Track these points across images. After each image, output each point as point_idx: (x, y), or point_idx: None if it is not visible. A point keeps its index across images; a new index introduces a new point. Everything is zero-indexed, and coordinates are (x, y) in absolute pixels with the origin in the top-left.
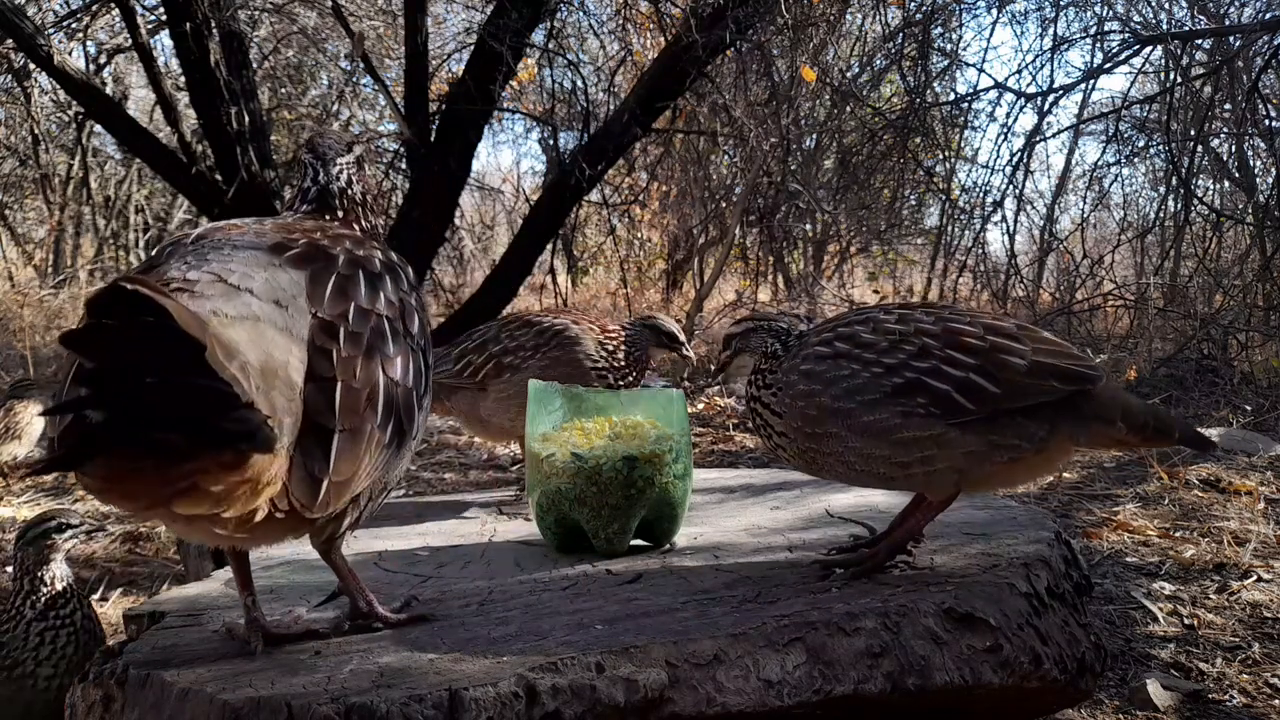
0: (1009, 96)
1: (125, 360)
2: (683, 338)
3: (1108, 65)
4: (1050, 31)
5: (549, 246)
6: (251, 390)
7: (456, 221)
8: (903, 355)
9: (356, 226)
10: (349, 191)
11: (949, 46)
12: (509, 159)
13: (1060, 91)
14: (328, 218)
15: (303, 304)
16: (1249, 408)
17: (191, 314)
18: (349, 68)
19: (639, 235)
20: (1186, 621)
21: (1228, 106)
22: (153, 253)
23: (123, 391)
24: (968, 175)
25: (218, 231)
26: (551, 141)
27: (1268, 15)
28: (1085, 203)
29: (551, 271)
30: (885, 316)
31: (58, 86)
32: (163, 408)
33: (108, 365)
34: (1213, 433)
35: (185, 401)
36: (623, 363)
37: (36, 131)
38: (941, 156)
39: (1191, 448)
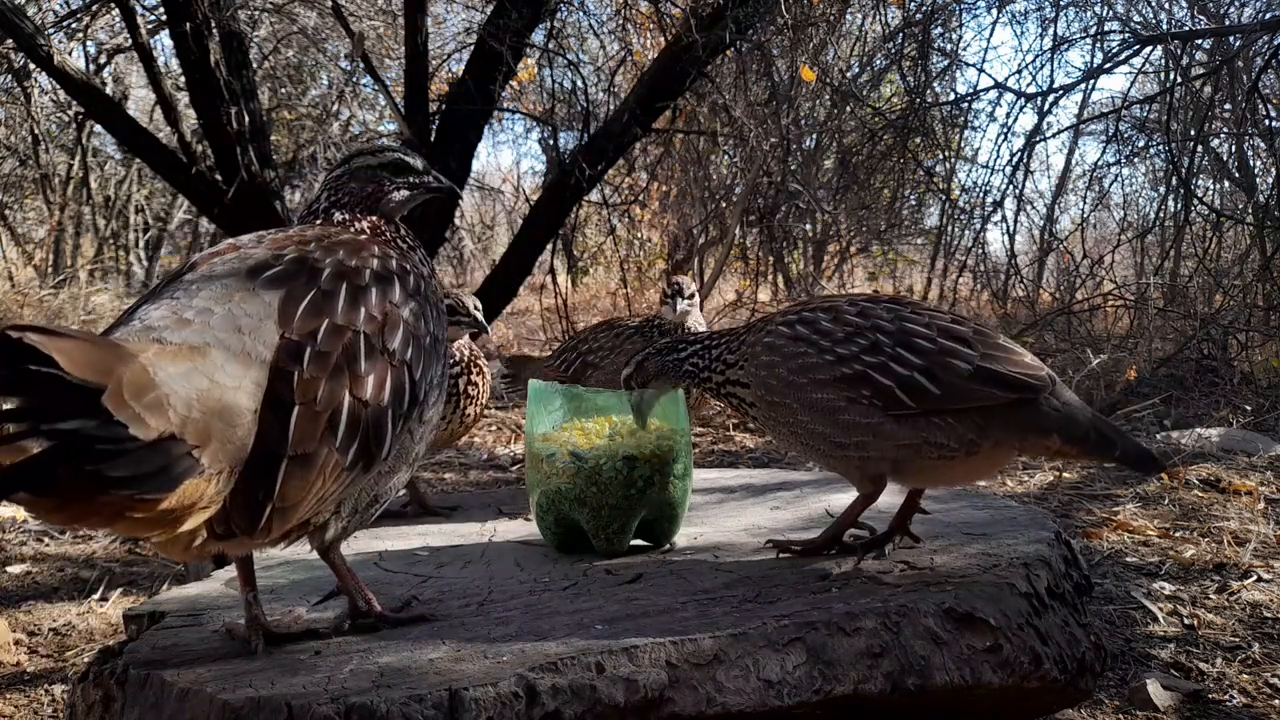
0: (1009, 96)
1: (19, 406)
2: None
3: (1108, 65)
4: (1050, 31)
5: (549, 246)
6: (165, 424)
7: (456, 221)
8: (855, 348)
9: (365, 229)
10: (340, 197)
11: (949, 46)
12: (509, 159)
13: (1060, 91)
14: (337, 223)
15: (271, 327)
16: (1249, 408)
17: (96, 355)
18: (349, 68)
19: (639, 235)
20: (1186, 621)
21: (1228, 106)
22: (152, 284)
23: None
24: (968, 175)
25: (208, 259)
26: (551, 141)
27: (1268, 15)
28: (1085, 203)
29: (551, 271)
30: (849, 308)
31: (58, 86)
32: (51, 451)
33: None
34: (1212, 433)
35: (68, 444)
36: None
37: (36, 131)
38: (941, 156)
39: (1132, 468)
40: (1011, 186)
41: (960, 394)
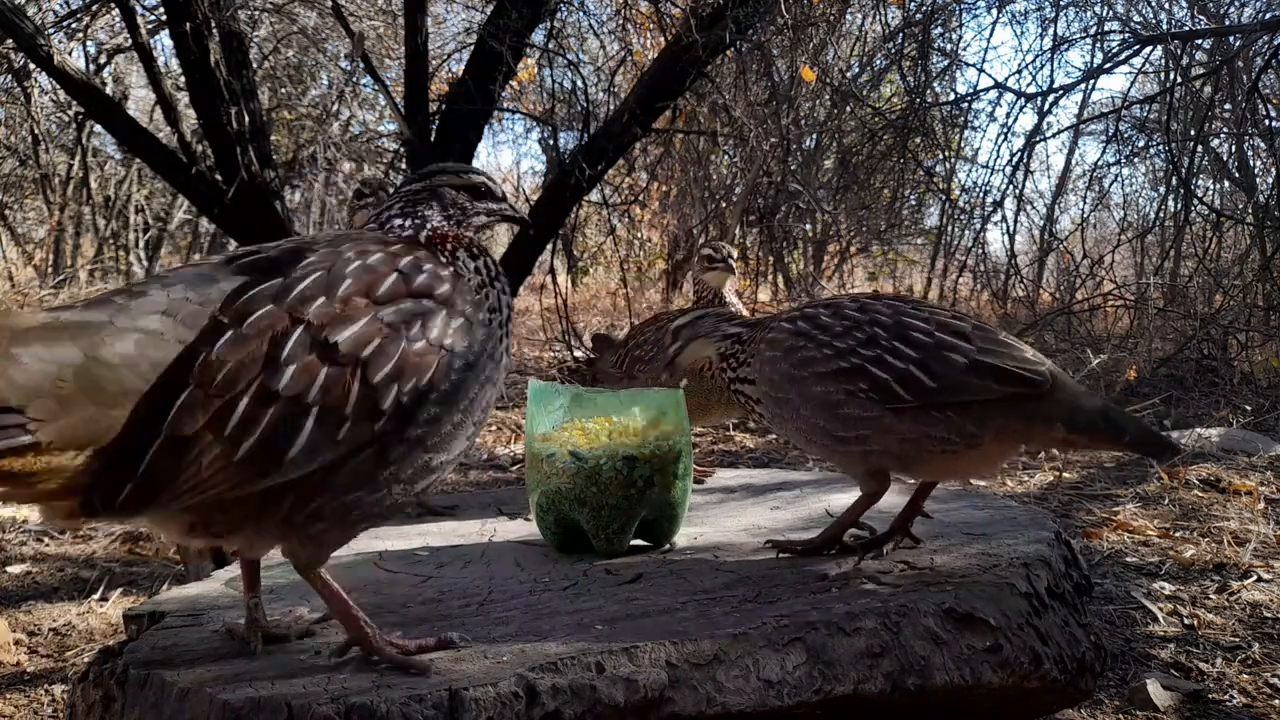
0: (1009, 96)
1: None
2: None
3: (1108, 65)
4: (1050, 31)
5: (549, 246)
6: (6, 395)
7: None
8: (853, 341)
9: (421, 239)
10: (412, 210)
11: (949, 46)
12: (509, 159)
13: (1060, 91)
14: (392, 230)
15: (207, 311)
16: (1249, 408)
17: None
18: (349, 68)
19: (639, 235)
20: (1186, 621)
21: (1228, 106)
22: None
23: None
24: (968, 175)
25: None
26: (551, 141)
27: (1268, 15)
28: (1085, 203)
29: (551, 271)
30: (849, 305)
31: (58, 86)
32: None
33: None
34: (1212, 433)
35: None
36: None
37: (36, 131)
38: (941, 156)
39: (1143, 453)
40: (1011, 186)
41: (957, 387)
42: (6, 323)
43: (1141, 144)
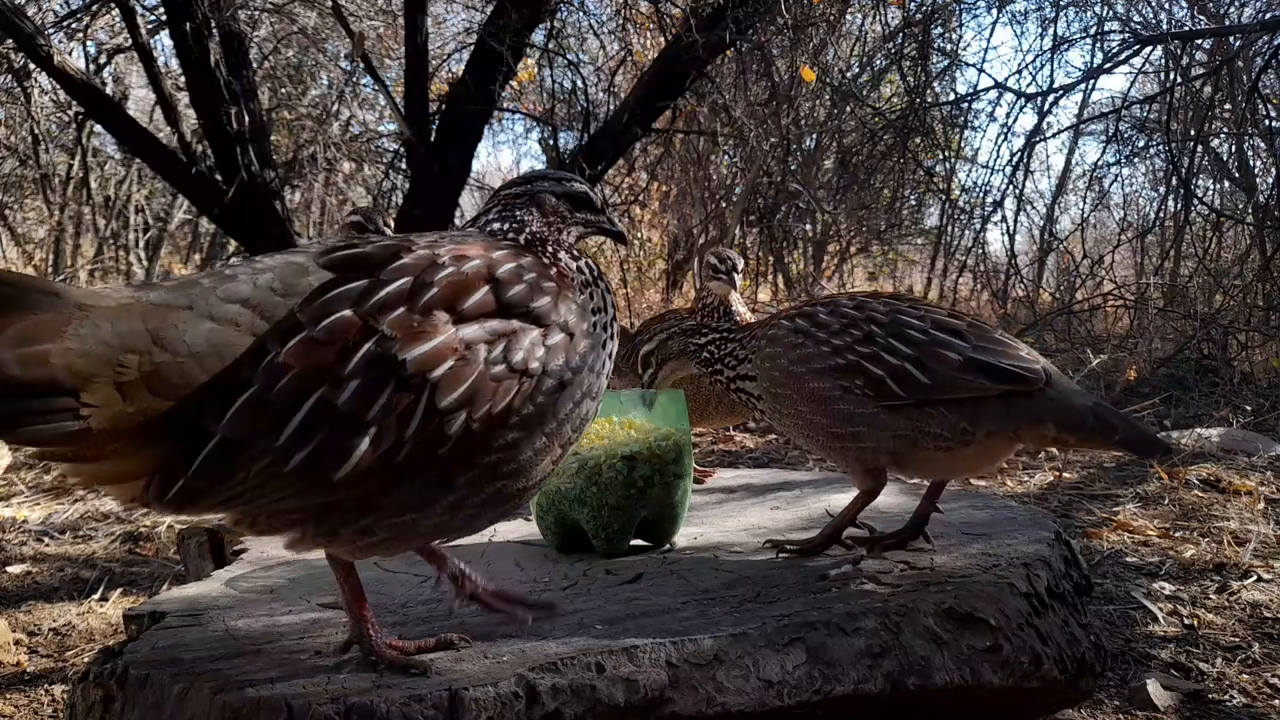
0: (1009, 96)
1: None
2: None
3: (1108, 65)
4: (1050, 31)
5: None
6: (41, 373)
7: (456, 221)
8: (849, 338)
9: (522, 241)
10: (511, 214)
11: (949, 46)
12: (509, 159)
13: (1060, 91)
14: (493, 232)
15: (287, 304)
16: (1249, 408)
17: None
18: (349, 68)
19: (639, 235)
20: (1186, 621)
21: (1228, 106)
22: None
23: None
24: (968, 175)
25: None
26: (551, 141)
27: (1268, 15)
28: (1085, 203)
29: None
30: (846, 303)
31: (58, 86)
32: None
33: None
34: (1212, 433)
35: None
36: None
37: (36, 131)
38: (941, 156)
39: (1134, 452)
40: (1011, 186)
41: (951, 384)
42: (83, 300)
43: (1141, 144)
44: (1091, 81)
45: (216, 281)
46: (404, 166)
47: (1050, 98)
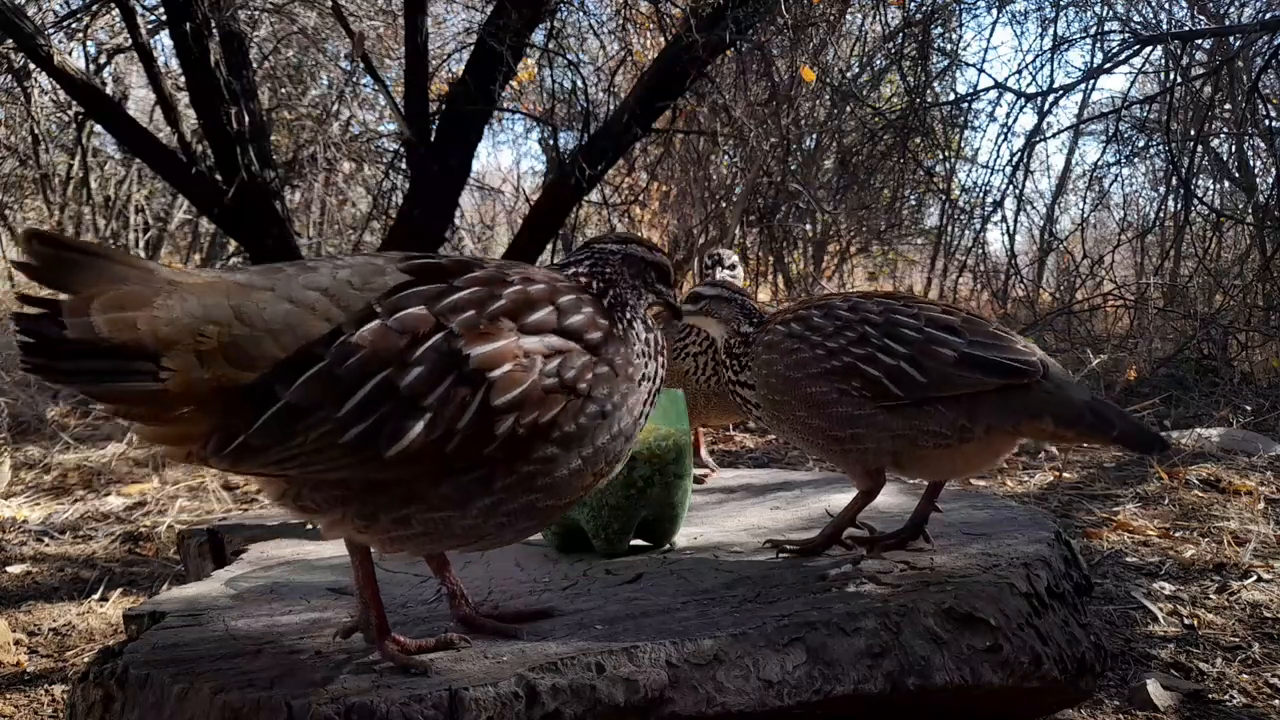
0: (1009, 96)
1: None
2: None
3: (1108, 65)
4: (1050, 31)
5: (549, 246)
6: (128, 335)
7: (456, 221)
8: (844, 340)
9: (591, 286)
10: (596, 267)
11: (949, 46)
12: (509, 159)
13: (1060, 91)
14: (566, 275)
15: (363, 297)
16: (1249, 408)
17: (79, 273)
18: (349, 68)
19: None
20: (1186, 621)
21: (1228, 106)
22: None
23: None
24: (968, 175)
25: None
26: (551, 141)
27: (1268, 15)
28: (1085, 203)
29: None
30: (841, 304)
31: (58, 86)
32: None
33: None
34: (1212, 433)
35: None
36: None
37: (36, 131)
38: (941, 156)
39: (1132, 448)
40: (1011, 186)
41: (948, 381)
42: (173, 277)
43: (1141, 144)
44: (1091, 81)
45: (299, 271)
46: (404, 166)
47: (1050, 98)
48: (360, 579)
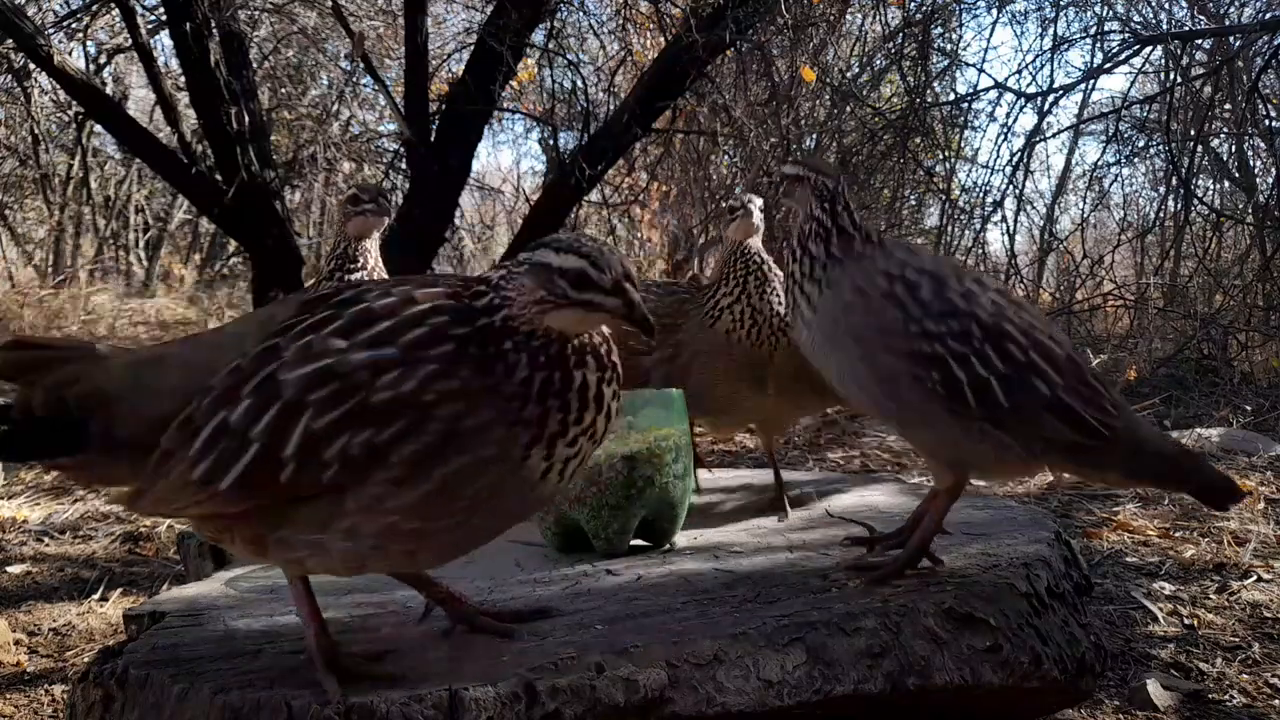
0: (1009, 96)
1: None
2: None
3: (1108, 65)
4: (1050, 31)
5: None
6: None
7: (456, 221)
8: (945, 329)
9: (498, 320)
10: (511, 284)
11: (949, 46)
12: (509, 159)
13: (1060, 91)
14: (481, 300)
15: (251, 344)
16: (1249, 408)
17: (31, 357)
18: (349, 68)
19: (639, 235)
20: (1186, 621)
21: (1228, 106)
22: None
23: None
24: (968, 175)
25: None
26: (551, 141)
27: (1268, 15)
28: (1085, 203)
29: None
30: (955, 285)
31: (58, 86)
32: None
33: None
34: (1212, 433)
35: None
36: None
37: (36, 131)
38: (941, 156)
39: (1204, 502)
40: (1011, 186)
41: (1028, 421)
42: (107, 354)
43: (1141, 144)
44: (1091, 81)
45: (213, 333)
46: (404, 166)
47: (1050, 98)
48: (292, 597)
